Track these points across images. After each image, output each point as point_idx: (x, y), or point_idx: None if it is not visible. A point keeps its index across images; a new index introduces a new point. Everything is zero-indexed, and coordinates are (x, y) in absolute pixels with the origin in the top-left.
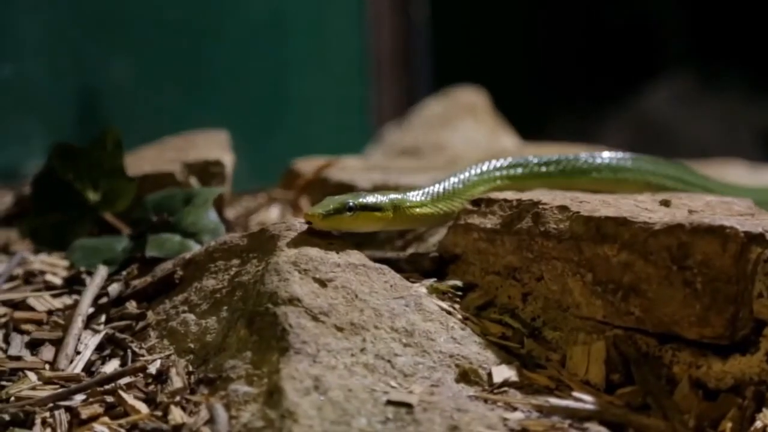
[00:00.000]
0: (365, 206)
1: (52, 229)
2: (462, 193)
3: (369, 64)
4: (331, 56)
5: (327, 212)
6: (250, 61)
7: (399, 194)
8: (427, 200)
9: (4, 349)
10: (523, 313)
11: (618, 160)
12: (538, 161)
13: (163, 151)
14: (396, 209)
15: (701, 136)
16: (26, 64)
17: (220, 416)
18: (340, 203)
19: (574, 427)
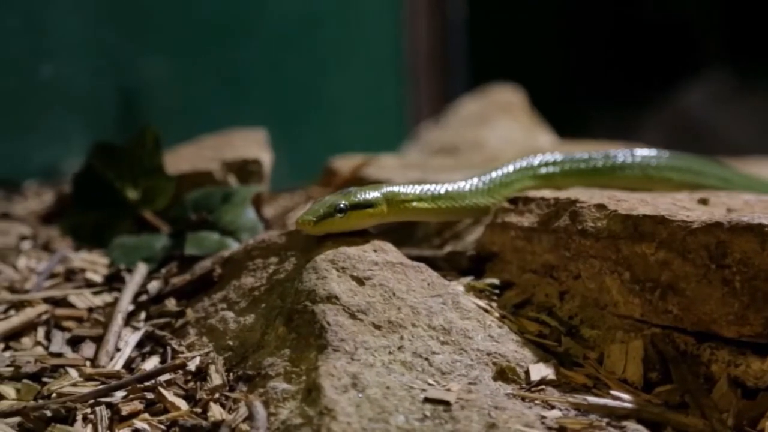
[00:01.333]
0: (356, 205)
1: (93, 227)
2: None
3: (406, 63)
4: (369, 55)
5: (318, 217)
6: (288, 59)
7: (392, 187)
8: (424, 195)
9: (45, 345)
10: (560, 311)
11: (652, 159)
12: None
13: (201, 149)
14: (389, 203)
15: (738, 135)
16: (66, 65)
17: (258, 413)
18: (329, 206)
19: (612, 426)
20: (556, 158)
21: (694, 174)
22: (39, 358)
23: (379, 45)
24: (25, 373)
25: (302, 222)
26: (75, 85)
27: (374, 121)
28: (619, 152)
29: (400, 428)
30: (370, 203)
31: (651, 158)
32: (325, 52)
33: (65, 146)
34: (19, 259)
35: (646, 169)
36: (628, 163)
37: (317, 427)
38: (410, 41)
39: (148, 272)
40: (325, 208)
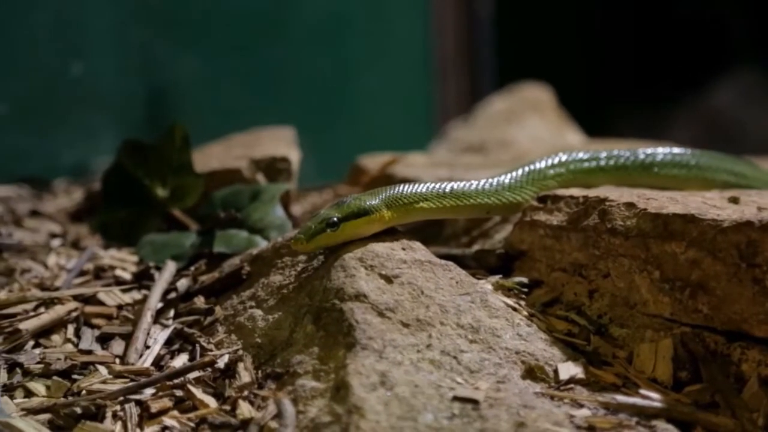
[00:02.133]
0: (349, 215)
1: (122, 225)
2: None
3: (433, 61)
4: (396, 53)
5: (309, 235)
6: (316, 58)
7: (393, 191)
8: (429, 194)
9: (75, 343)
10: (589, 310)
11: (684, 157)
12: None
13: (230, 147)
14: (391, 207)
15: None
16: (96, 63)
17: (287, 411)
18: (320, 221)
19: (642, 425)
20: (561, 159)
21: (725, 173)
22: (69, 355)
23: (407, 43)
24: (55, 370)
25: (295, 241)
26: (105, 84)
27: (402, 119)
28: (625, 151)
29: (429, 426)
30: (365, 211)
31: (681, 156)
32: (354, 51)
33: (95, 144)
34: (49, 257)
35: (674, 168)
36: (652, 162)
37: (346, 425)
38: (438, 40)
39: (177, 270)
40: (316, 224)
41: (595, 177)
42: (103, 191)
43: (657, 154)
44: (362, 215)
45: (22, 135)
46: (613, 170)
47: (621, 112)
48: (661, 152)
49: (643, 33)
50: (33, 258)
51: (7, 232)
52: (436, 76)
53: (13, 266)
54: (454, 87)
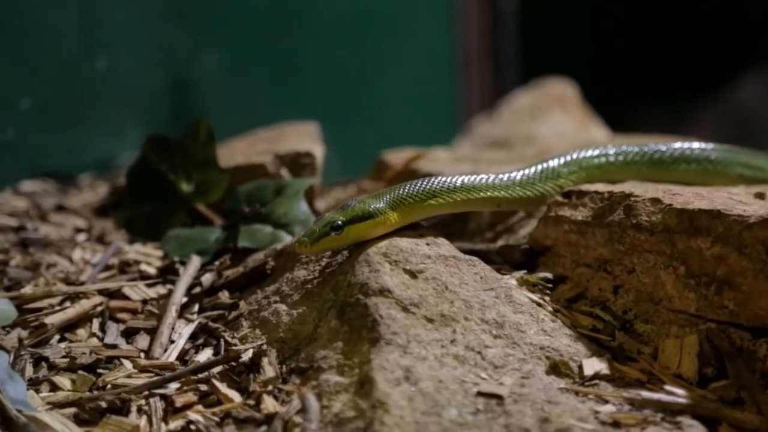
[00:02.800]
0: (353, 219)
1: (147, 220)
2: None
3: (458, 56)
4: (420, 49)
5: (313, 238)
6: (340, 54)
7: (399, 191)
8: (438, 190)
9: (100, 337)
10: (614, 305)
11: (710, 152)
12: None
13: (254, 142)
14: (396, 208)
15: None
16: (121, 59)
17: (311, 406)
18: (325, 224)
19: (667, 421)
20: (572, 157)
21: (752, 168)
22: (94, 349)
23: (431, 38)
24: (81, 364)
25: (299, 244)
26: (130, 79)
27: (426, 114)
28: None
29: (453, 422)
30: (370, 214)
31: (706, 152)
32: (378, 46)
33: (120, 139)
34: (74, 252)
35: (700, 163)
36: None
37: (370, 420)
38: (462, 35)
39: (202, 264)
40: (320, 227)
41: (607, 172)
42: (128, 186)
43: (668, 150)
44: (367, 218)
45: (47, 130)
46: (625, 165)
47: (645, 107)
48: (673, 147)
49: (667, 28)
50: (58, 252)
51: (32, 227)
52: (460, 72)
53: (38, 261)
54: (478, 82)
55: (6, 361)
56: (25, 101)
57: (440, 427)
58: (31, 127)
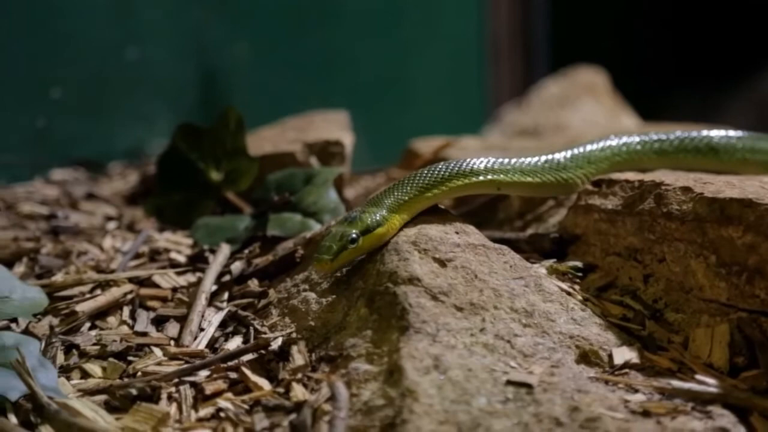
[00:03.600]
0: (366, 230)
1: (176, 208)
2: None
3: (487, 45)
4: (450, 37)
5: (333, 254)
6: (369, 41)
7: (396, 194)
8: (433, 182)
9: (130, 325)
10: (644, 294)
11: (739, 140)
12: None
13: (283, 131)
14: (397, 212)
15: None
16: (151, 47)
17: (341, 394)
18: (340, 238)
19: (697, 410)
20: (573, 152)
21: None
22: (124, 337)
23: (460, 26)
24: (111, 351)
25: (319, 262)
26: (160, 68)
27: (456, 103)
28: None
29: (482, 410)
30: (378, 224)
31: (739, 140)
32: (408, 35)
33: (150, 128)
34: (104, 239)
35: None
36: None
37: (399, 408)
38: (492, 23)
39: (231, 253)
40: (337, 243)
41: (615, 163)
42: (158, 174)
43: (687, 138)
44: (376, 227)
45: (78, 119)
46: (636, 155)
47: (676, 95)
48: (696, 135)
49: (698, 16)
50: (89, 240)
51: (63, 215)
52: (489, 60)
53: (69, 249)
54: (507, 70)
55: (37, 349)
56: (56, 90)
57: (469, 415)
58: (62, 116)
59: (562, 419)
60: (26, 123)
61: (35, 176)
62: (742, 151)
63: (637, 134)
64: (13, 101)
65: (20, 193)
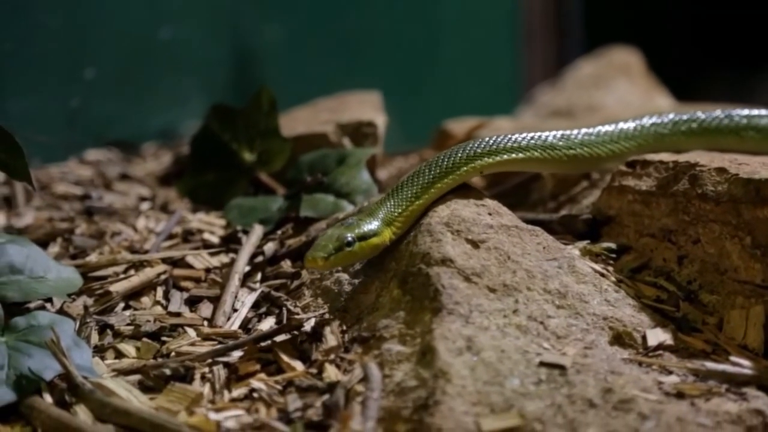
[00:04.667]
0: (363, 236)
1: (209, 189)
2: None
3: (521, 25)
4: (483, 17)
5: (328, 253)
6: (402, 22)
7: (385, 205)
8: (420, 191)
9: (164, 305)
10: (678, 276)
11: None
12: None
13: (316, 112)
14: (390, 224)
15: None
16: (184, 28)
17: (373, 375)
18: (337, 241)
19: (732, 392)
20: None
21: None
22: (158, 317)
23: (494, 6)
24: (145, 332)
25: (312, 259)
26: (194, 49)
27: (488, 83)
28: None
29: (515, 391)
30: (374, 233)
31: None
32: (441, 16)
33: (183, 108)
34: (138, 220)
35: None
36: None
37: (432, 389)
38: (526, 2)
39: (264, 233)
40: (334, 243)
41: (613, 149)
42: (191, 155)
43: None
44: (371, 237)
45: (111, 99)
46: (673, 135)
47: (711, 75)
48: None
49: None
50: (123, 221)
51: (97, 196)
52: (523, 40)
53: (103, 229)
54: (541, 51)
55: (72, 329)
56: (90, 71)
57: (502, 396)
58: (96, 97)
59: (596, 401)
60: (60, 104)
61: (69, 157)
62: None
63: (674, 113)
64: (47, 82)
65: (55, 173)
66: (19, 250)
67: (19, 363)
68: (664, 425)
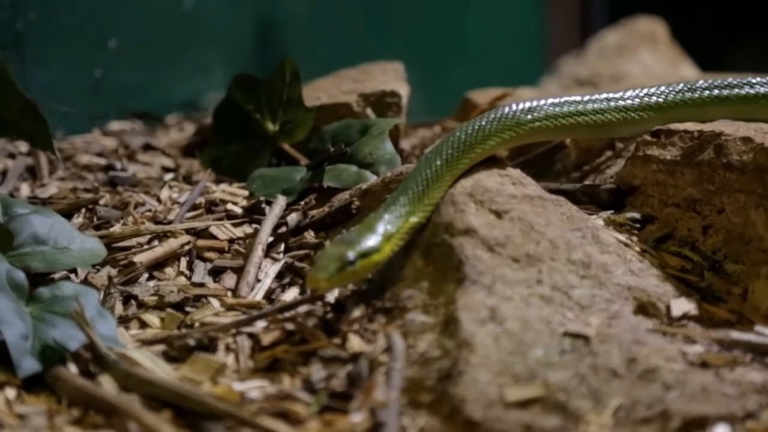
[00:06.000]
0: (364, 254)
1: (233, 159)
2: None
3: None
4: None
5: (330, 274)
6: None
7: (383, 219)
8: (415, 204)
9: (187, 275)
10: (703, 245)
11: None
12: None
13: (339, 82)
14: (389, 239)
15: None
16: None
17: (397, 345)
18: (339, 260)
19: (756, 362)
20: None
21: None
22: (182, 287)
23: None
24: (169, 302)
25: (314, 282)
26: (217, 19)
27: (513, 53)
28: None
29: (539, 362)
30: (375, 249)
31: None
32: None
33: (206, 79)
34: (162, 191)
35: None
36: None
37: (455, 359)
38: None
39: (287, 204)
40: (335, 263)
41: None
42: (215, 126)
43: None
44: (371, 254)
45: (135, 70)
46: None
47: (735, 45)
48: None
49: None
50: (146, 192)
51: (121, 167)
52: (547, 10)
53: (127, 200)
54: (565, 21)
55: (96, 299)
56: (113, 41)
57: (526, 367)
58: (119, 68)
59: (620, 371)
60: (84, 74)
61: (93, 128)
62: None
63: (703, 80)
64: (70, 53)
65: (78, 144)
66: (43, 221)
67: (43, 333)
68: (688, 395)
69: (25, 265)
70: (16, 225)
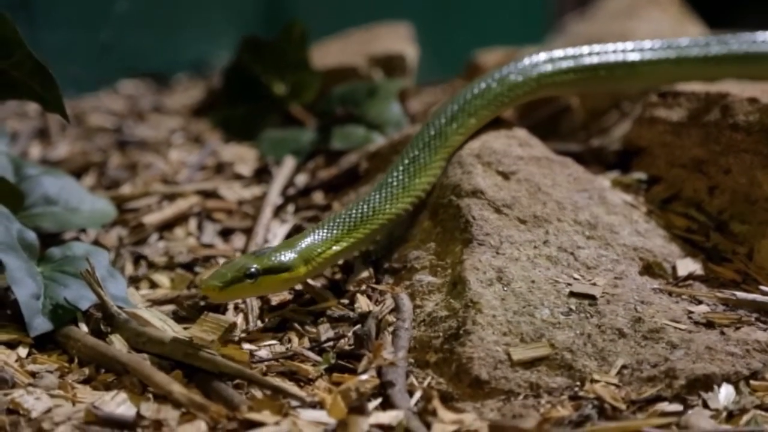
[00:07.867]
0: (269, 269)
1: (241, 121)
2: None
3: None
4: None
5: (224, 282)
6: None
7: (307, 239)
8: (342, 232)
9: (197, 236)
10: (709, 206)
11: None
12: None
13: (347, 44)
14: (308, 262)
15: None
16: None
17: (404, 305)
18: (239, 269)
19: (761, 321)
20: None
21: None
22: (191, 248)
23: None
24: (179, 263)
25: (206, 287)
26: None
27: (519, 12)
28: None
29: (546, 321)
30: (285, 267)
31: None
32: None
33: (215, 41)
34: (170, 152)
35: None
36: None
37: (463, 319)
38: None
39: (296, 165)
40: (233, 273)
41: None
42: (223, 87)
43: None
44: (281, 271)
45: (143, 32)
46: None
47: (744, 3)
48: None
49: None
50: (155, 153)
51: (130, 128)
52: None
53: (136, 161)
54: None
55: (106, 259)
56: (122, 3)
57: (533, 326)
58: (128, 29)
59: (626, 330)
60: (93, 36)
61: (102, 88)
62: None
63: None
64: (80, 14)
65: (87, 105)
66: (53, 182)
67: (55, 293)
68: (693, 354)
69: (36, 225)
70: (27, 186)
